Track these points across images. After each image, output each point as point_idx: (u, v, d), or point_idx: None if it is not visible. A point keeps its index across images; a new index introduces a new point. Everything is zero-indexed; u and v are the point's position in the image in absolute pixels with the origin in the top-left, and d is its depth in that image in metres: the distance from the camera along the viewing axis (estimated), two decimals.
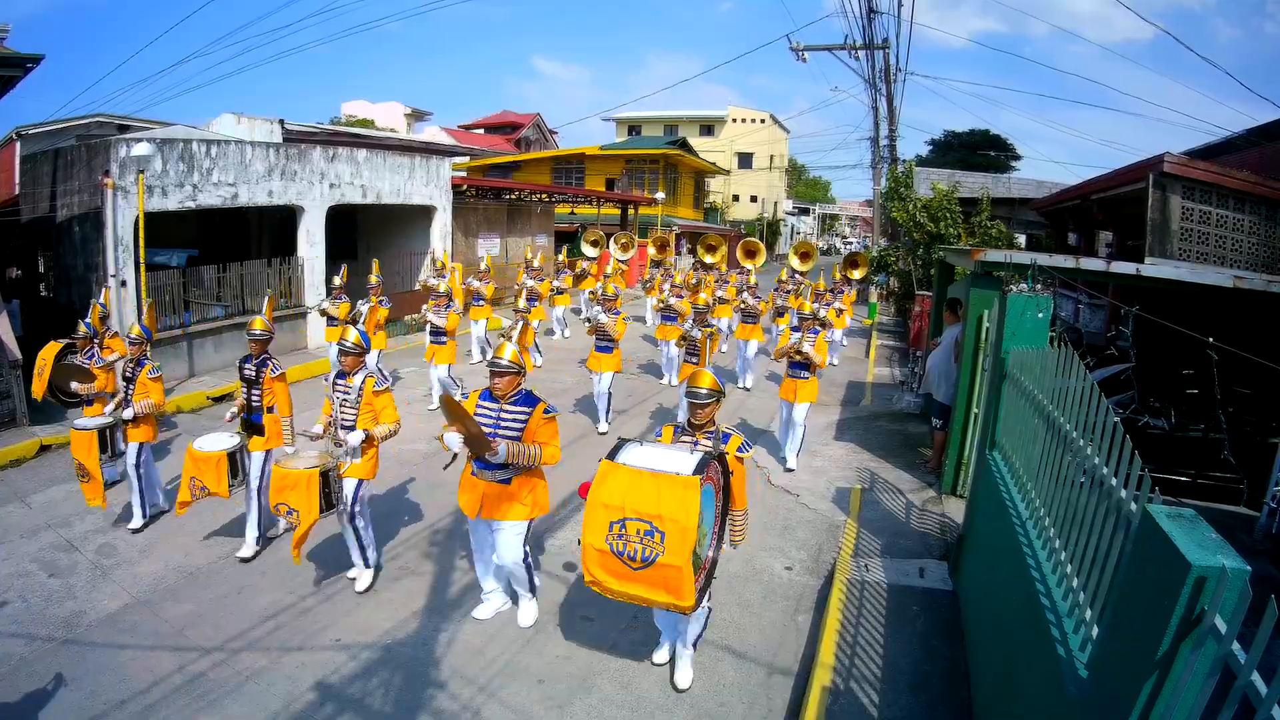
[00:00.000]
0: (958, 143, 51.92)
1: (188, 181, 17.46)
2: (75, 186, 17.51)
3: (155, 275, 17.15)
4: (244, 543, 9.15)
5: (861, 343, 24.83)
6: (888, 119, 34.50)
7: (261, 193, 19.33)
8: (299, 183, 20.35)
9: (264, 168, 19.35)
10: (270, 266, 20.28)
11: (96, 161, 16.68)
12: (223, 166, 18.24)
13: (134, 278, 16.52)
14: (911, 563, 8.20)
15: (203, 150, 17.85)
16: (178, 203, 17.36)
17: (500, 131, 62.55)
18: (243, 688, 6.71)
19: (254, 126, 23.17)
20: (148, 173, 16.30)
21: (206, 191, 17.91)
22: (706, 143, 66.97)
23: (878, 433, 13.05)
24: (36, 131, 28.71)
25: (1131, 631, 3.22)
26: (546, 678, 6.62)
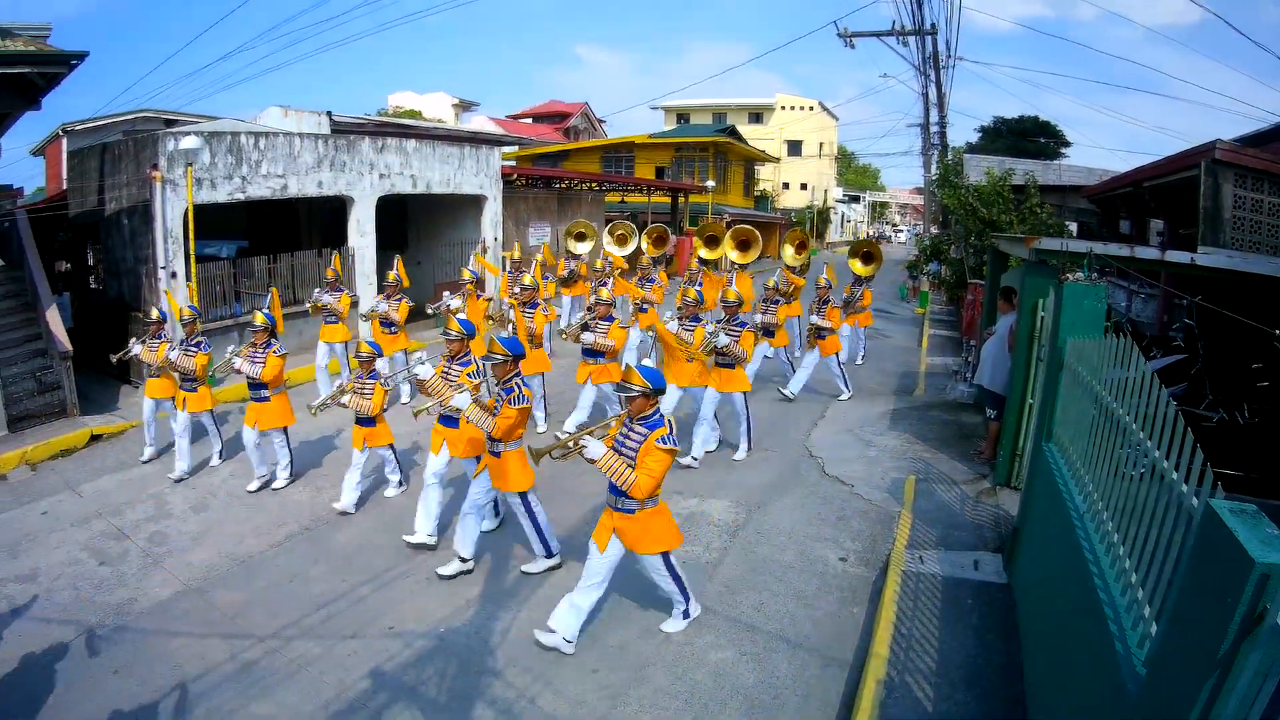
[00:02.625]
0: (1007, 129, 51.18)
1: (236, 174, 17.71)
2: (123, 180, 17.81)
3: (205, 266, 17.47)
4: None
5: (914, 332, 24.73)
6: (937, 105, 34.20)
7: (311, 184, 19.54)
8: (348, 173, 20.52)
9: (313, 159, 19.54)
10: (321, 257, 20.48)
11: (144, 155, 16.93)
12: (272, 158, 18.48)
13: (184, 269, 16.78)
14: (966, 555, 8.15)
15: (251, 142, 18.09)
16: (227, 195, 17.61)
17: (548, 121, 62.52)
18: (295, 675, 6.81)
19: (301, 119, 23.36)
20: (196, 165, 16.55)
21: (256, 183, 18.16)
22: (755, 130, 66.59)
23: (931, 423, 12.93)
24: (82, 128, 29.12)
25: (1191, 629, 3.19)
26: (601, 667, 6.66)
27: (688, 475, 10.95)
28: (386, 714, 6.23)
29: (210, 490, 11.13)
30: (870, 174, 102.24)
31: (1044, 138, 50.57)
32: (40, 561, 9.20)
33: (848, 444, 12.09)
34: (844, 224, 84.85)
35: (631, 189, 39.54)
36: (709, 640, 6.95)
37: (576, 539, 8.82)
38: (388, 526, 9.68)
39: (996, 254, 14.79)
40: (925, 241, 32.36)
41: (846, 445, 12.02)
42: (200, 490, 11.12)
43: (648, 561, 6.96)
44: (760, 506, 9.79)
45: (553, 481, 10.11)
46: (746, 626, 7.12)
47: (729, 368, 11.25)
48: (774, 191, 67.02)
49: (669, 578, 7.00)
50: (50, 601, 8.25)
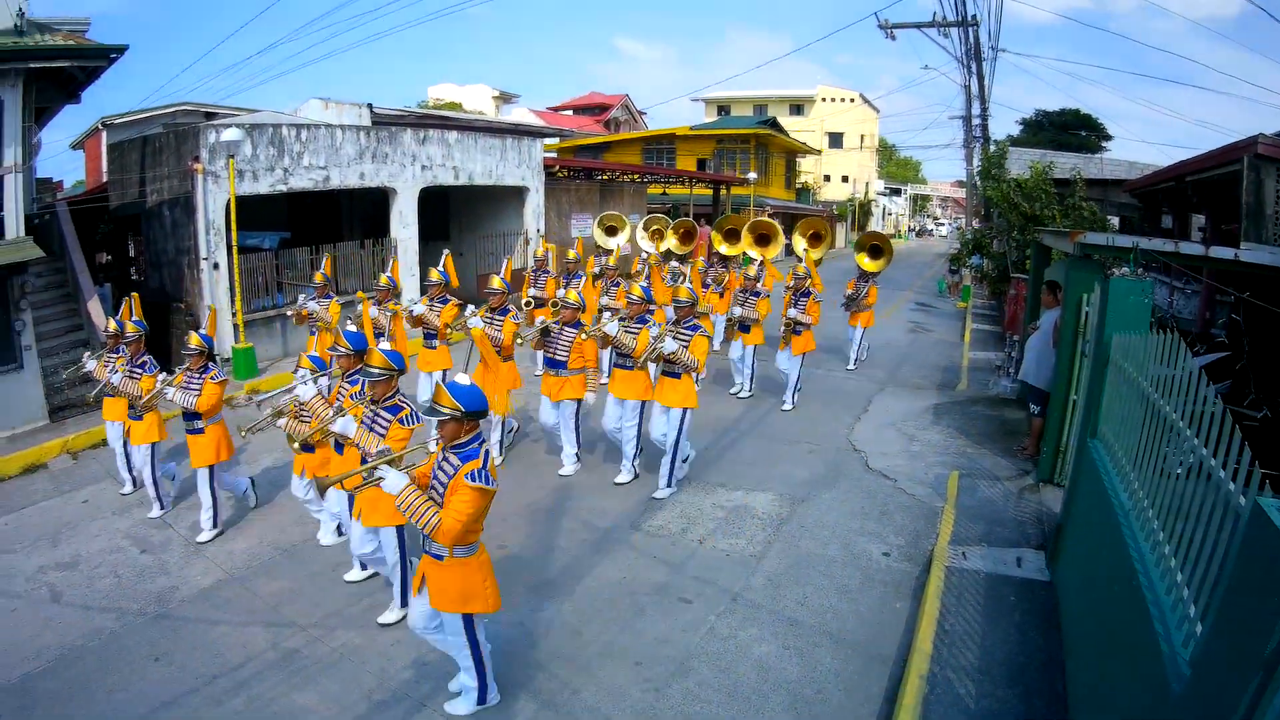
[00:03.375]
0: (1049, 122, 50.72)
1: (278, 165, 17.93)
2: (164, 173, 18.05)
3: (247, 257, 17.62)
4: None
5: (956, 326, 24.62)
6: (979, 98, 33.94)
7: (353, 175, 19.73)
8: (390, 165, 20.69)
9: (355, 151, 19.73)
10: (363, 248, 20.71)
11: (185, 147, 17.14)
12: (313, 150, 18.68)
13: (226, 260, 16.99)
14: (1009, 551, 8.13)
15: (293, 134, 18.30)
16: (268, 186, 17.86)
17: (589, 113, 62.53)
18: (337, 664, 6.86)
19: (342, 111, 23.49)
20: (238, 157, 16.73)
21: (297, 175, 18.37)
22: (796, 122, 66.14)
23: (974, 418, 12.91)
24: (122, 121, 29.42)
25: (1237, 628, 3.18)
26: (644, 660, 6.68)
27: (732, 468, 10.97)
28: (430, 704, 6.25)
29: (252, 478, 11.12)
30: (911, 166, 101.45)
31: (1085, 131, 50.12)
32: (82, 549, 9.29)
33: (891, 438, 12.07)
34: (885, 217, 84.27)
35: (673, 181, 39.53)
36: (752, 634, 6.96)
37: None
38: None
39: (1040, 248, 14.66)
40: (968, 235, 32.12)
41: (890, 440, 12.01)
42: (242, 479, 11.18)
43: (446, 622, 5.87)
44: (804, 500, 9.80)
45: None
46: (790, 620, 7.13)
47: (674, 377, 9.89)
48: (815, 184, 66.64)
49: (467, 648, 5.89)
50: (92, 589, 8.34)
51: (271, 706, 6.33)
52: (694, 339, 9.73)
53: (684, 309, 10.14)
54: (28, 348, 14.39)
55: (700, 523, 9.27)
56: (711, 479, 10.59)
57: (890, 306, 28.06)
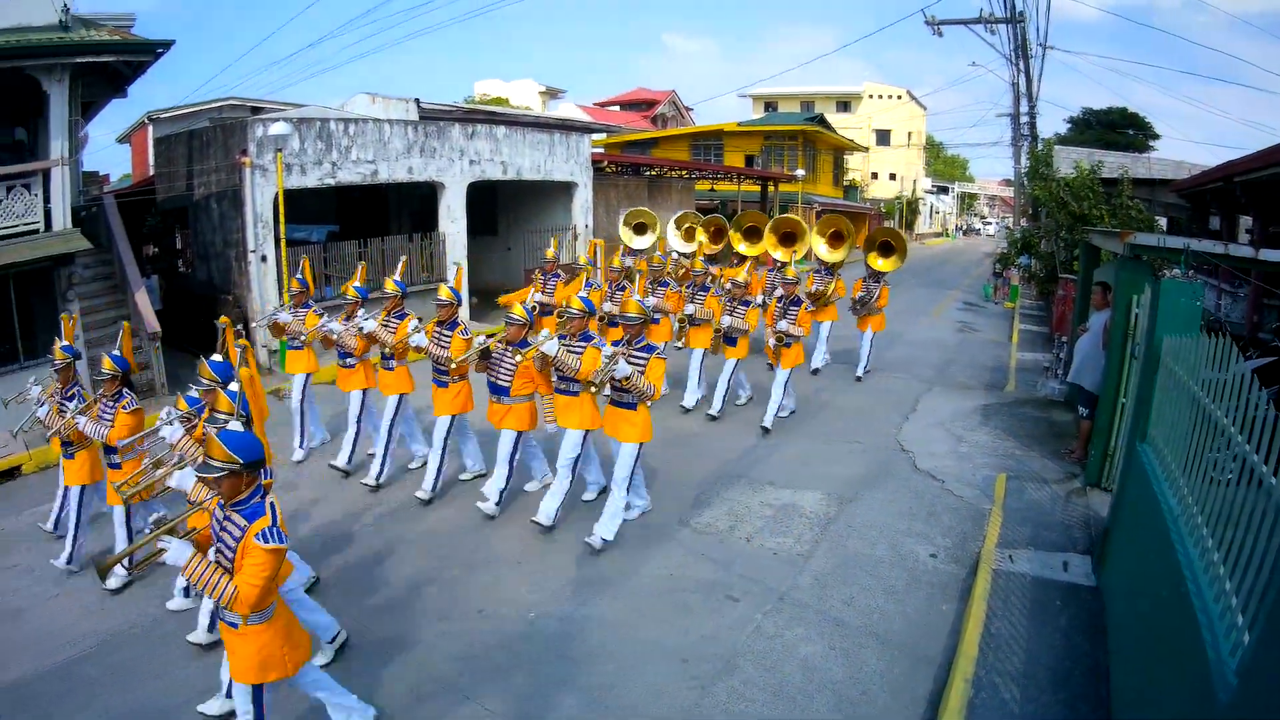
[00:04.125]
0: (1096, 121, 50.05)
1: (326, 159, 18.13)
2: (212, 166, 18.35)
3: (295, 250, 17.70)
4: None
5: (1004, 326, 24.42)
6: (1026, 95, 33.62)
7: (401, 169, 19.93)
8: (438, 159, 20.87)
9: (403, 145, 19.92)
10: (411, 242, 20.82)
11: (233, 141, 17.37)
12: (361, 144, 18.86)
13: (274, 253, 17.22)
14: (1055, 555, 8.07)
15: (341, 129, 18.48)
16: (317, 180, 18.05)
17: (636, 108, 62.59)
18: (381, 655, 6.89)
19: (389, 106, 23.67)
20: (286, 151, 16.93)
21: (346, 169, 18.56)
22: (843, 119, 65.75)
23: (1022, 419, 12.79)
24: (168, 115, 29.84)
25: None
26: (690, 657, 6.68)
27: (781, 466, 10.93)
28: (473, 697, 6.27)
29: (298, 470, 11.34)
30: (958, 164, 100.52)
31: (1132, 130, 49.48)
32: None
33: (939, 439, 12.00)
34: (932, 215, 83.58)
35: (721, 177, 39.52)
36: (799, 633, 6.94)
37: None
38: (478, 509, 9.70)
39: (1089, 248, 14.50)
40: (1016, 234, 31.82)
41: (937, 440, 11.93)
42: (289, 470, 11.29)
43: (236, 691, 5.26)
44: (852, 500, 9.76)
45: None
46: (836, 620, 7.11)
47: (628, 408, 8.57)
48: (863, 181, 66.22)
49: (250, 716, 5.19)
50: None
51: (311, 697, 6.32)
52: (650, 362, 8.43)
53: (635, 326, 8.80)
54: (76, 338, 14.68)
55: (748, 520, 9.25)
56: (760, 477, 10.56)
57: (938, 305, 28.05)
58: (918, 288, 33.46)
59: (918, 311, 26.28)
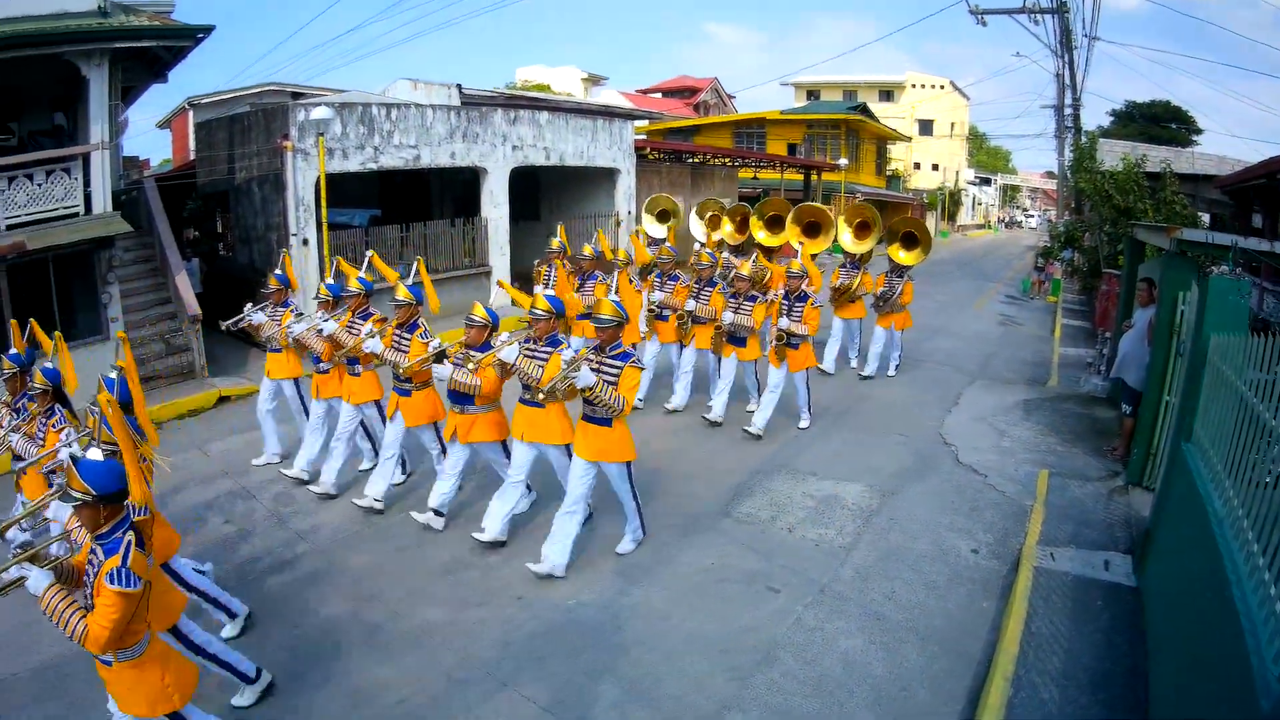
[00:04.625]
0: (1139, 114, 49.32)
1: (368, 144, 18.16)
2: (253, 150, 18.43)
3: (337, 234, 17.78)
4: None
5: (1046, 320, 24.17)
6: (1070, 87, 33.24)
7: (444, 154, 19.94)
8: (481, 145, 20.84)
9: (445, 130, 19.92)
10: (454, 227, 20.89)
11: (274, 126, 17.44)
12: (404, 129, 18.89)
13: (315, 237, 17.24)
14: (1096, 554, 7.98)
15: (383, 114, 18.52)
16: (359, 164, 18.09)
17: (678, 96, 62.15)
18: (419, 641, 6.91)
19: (431, 92, 23.64)
20: (328, 135, 16.94)
21: (388, 154, 18.60)
22: (886, 109, 64.70)
23: (1065, 415, 12.66)
24: (208, 101, 30.05)
25: None
26: (730, 648, 6.65)
27: (823, 457, 10.88)
28: (511, 685, 6.26)
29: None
30: (1001, 156, 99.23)
31: (1175, 124, 48.74)
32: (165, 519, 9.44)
33: (981, 433, 11.90)
34: (975, 207, 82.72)
35: (764, 165, 39.35)
36: (840, 626, 6.91)
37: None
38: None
39: (1133, 243, 14.29)
40: (1060, 227, 31.50)
41: (980, 434, 11.83)
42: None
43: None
44: (894, 493, 9.69)
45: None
46: (876, 615, 7.08)
47: (601, 424, 7.61)
48: (905, 171, 65.59)
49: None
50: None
51: (350, 679, 6.40)
52: (624, 371, 7.48)
53: (609, 329, 7.70)
54: (114, 320, 14.74)
55: (790, 511, 9.21)
56: (802, 467, 10.52)
57: (980, 298, 27.76)
58: (960, 280, 33.15)
59: (960, 304, 26.05)
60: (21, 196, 13.67)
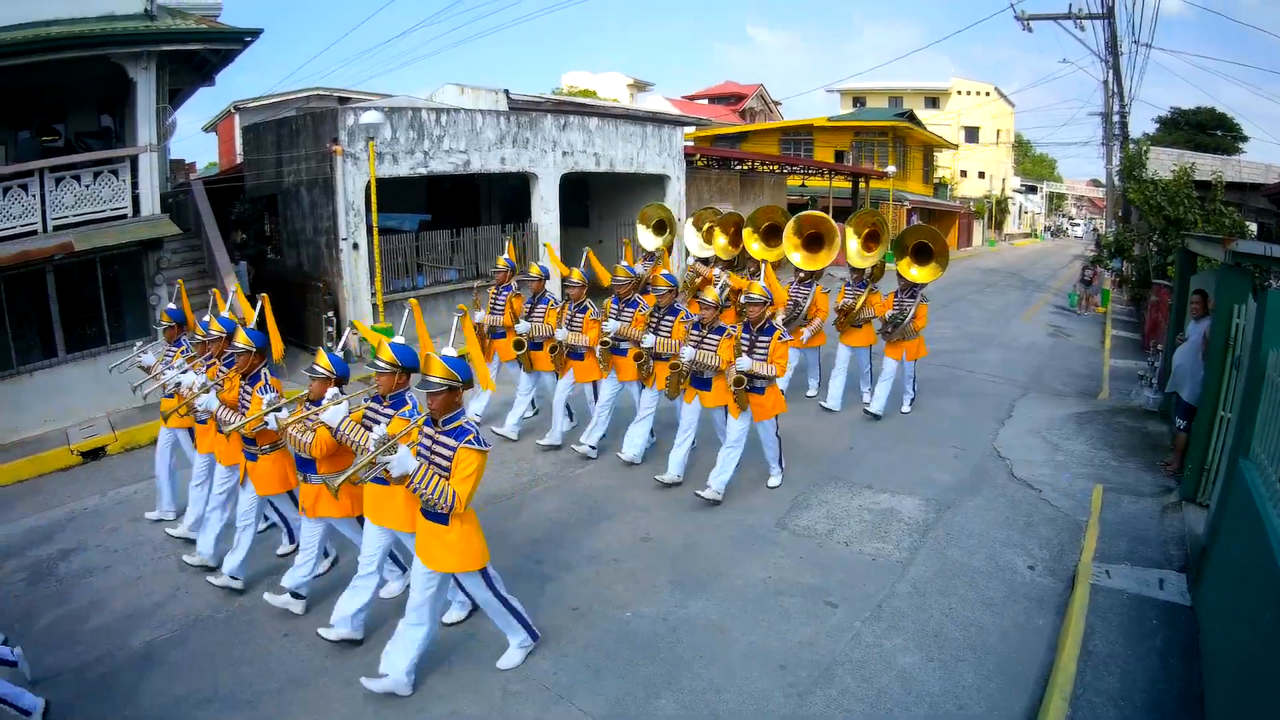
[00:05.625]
0: (1185, 121, 48.19)
1: (418, 148, 18.07)
2: (301, 154, 18.32)
3: (387, 239, 17.74)
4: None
5: (1095, 331, 23.74)
6: (1117, 94, 32.71)
7: (494, 160, 19.79)
8: (531, 150, 20.69)
9: (495, 135, 19.78)
10: (504, 232, 20.64)
11: (323, 130, 17.35)
12: (454, 134, 18.78)
13: (365, 241, 17.15)
14: (1151, 572, 7.78)
15: (432, 118, 18.42)
16: (409, 169, 18.01)
17: (724, 102, 61.63)
18: (470, 647, 6.87)
19: (478, 97, 23.50)
20: (377, 140, 16.82)
21: (438, 158, 18.50)
22: (931, 115, 63.78)
23: (1118, 429, 12.38)
24: (255, 104, 30.29)
25: None
26: (788, 664, 6.55)
27: (879, 470, 10.70)
28: (567, 698, 6.18)
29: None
30: (1047, 164, 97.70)
31: (1221, 131, 47.69)
32: None
33: (1035, 446, 11.66)
34: (1021, 215, 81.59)
35: (812, 172, 38.83)
36: (898, 643, 6.79)
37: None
38: (577, 504, 9.71)
39: (1185, 254, 13.96)
40: (1109, 236, 30.99)
41: (1034, 448, 11.59)
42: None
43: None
44: (950, 506, 9.51)
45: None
46: (934, 632, 6.95)
47: (437, 521, 6.01)
48: (952, 179, 64.77)
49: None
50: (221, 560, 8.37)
51: None
52: (459, 454, 5.87)
53: (439, 396, 5.97)
54: (232, 309, 15.00)
55: (847, 524, 9.08)
56: (858, 479, 10.37)
57: (1030, 308, 27.37)
58: (1009, 290, 32.71)
59: (1010, 314, 25.70)
60: (69, 198, 13.90)
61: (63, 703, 6.21)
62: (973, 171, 69.35)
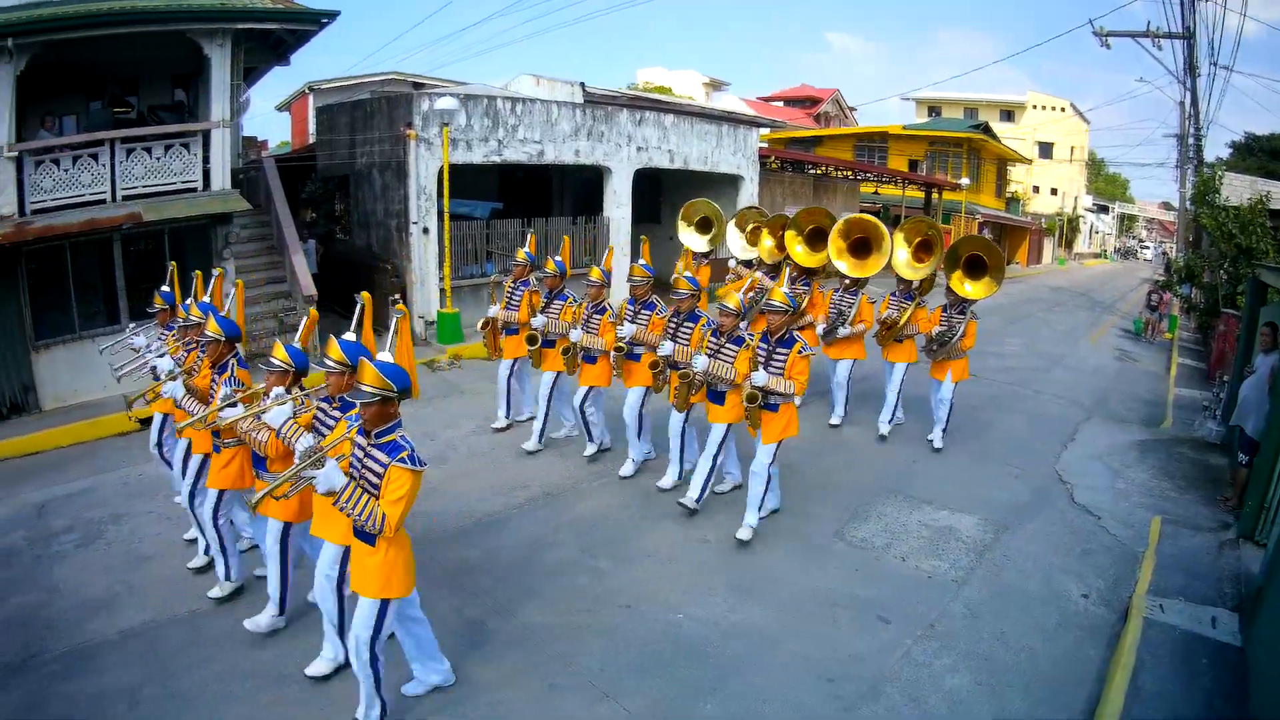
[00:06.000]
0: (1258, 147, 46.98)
1: (492, 136, 18.17)
2: (375, 137, 18.45)
3: (458, 225, 17.77)
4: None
5: (1160, 357, 23.34)
6: (1192, 117, 32.03)
7: (568, 151, 19.85)
8: (605, 144, 20.72)
9: (570, 127, 19.82)
10: (575, 224, 20.77)
11: (398, 114, 17.46)
12: (528, 124, 18.84)
13: (436, 226, 17.27)
14: (1204, 609, 7.65)
15: (508, 107, 18.50)
16: (482, 156, 18.11)
17: (799, 105, 61.11)
18: (520, 642, 6.80)
19: (554, 88, 23.38)
20: (452, 126, 16.86)
21: (512, 147, 18.58)
22: (1006, 129, 62.48)
23: (1179, 460, 12.15)
24: (329, 86, 30.44)
25: None
26: (836, 677, 6.51)
27: (940, 485, 10.55)
28: (612, 696, 6.14)
29: (451, 444, 11.41)
30: (1119, 184, 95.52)
31: None
32: None
33: (1097, 472, 11.49)
34: (1092, 234, 79.98)
35: (885, 180, 38.44)
36: (947, 663, 6.75)
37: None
38: (633, 500, 9.68)
39: (1256, 284, 13.64)
40: (1179, 261, 30.38)
41: (1096, 473, 11.42)
42: (440, 443, 11.32)
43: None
44: (1008, 528, 9.38)
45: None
46: (985, 655, 6.88)
47: (365, 541, 5.47)
48: (1024, 194, 63.59)
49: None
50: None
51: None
52: (389, 473, 5.25)
53: (372, 406, 5.29)
54: (228, 295, 15.13)
55: (904, 539, 9.00)
56: (917, 494, 10.27)
57: (1097, 330, 26.98)
58: (1077, 310, 32.21)
59: (1077, 335, 25.31)
60: (139, 169, 14.07)
61: (108, 667, 6.44)
62: (1045, 188, 68.07)
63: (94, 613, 7.27)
